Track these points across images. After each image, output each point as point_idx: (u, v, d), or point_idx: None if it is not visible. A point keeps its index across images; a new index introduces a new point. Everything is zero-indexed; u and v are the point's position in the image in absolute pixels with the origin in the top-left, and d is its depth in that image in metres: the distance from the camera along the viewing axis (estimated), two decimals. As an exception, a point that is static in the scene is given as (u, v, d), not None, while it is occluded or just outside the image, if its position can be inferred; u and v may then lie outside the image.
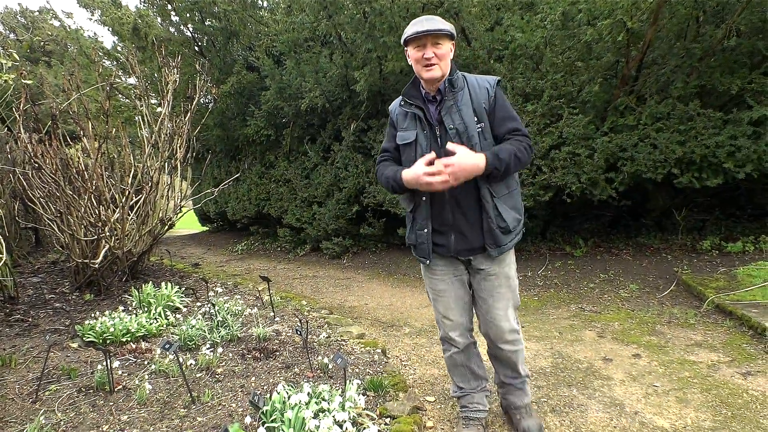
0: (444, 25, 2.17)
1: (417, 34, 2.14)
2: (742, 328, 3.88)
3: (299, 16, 7.81)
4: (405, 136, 2.34)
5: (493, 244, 2.23)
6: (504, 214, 2.23)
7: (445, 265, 2.41)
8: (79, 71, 9.17)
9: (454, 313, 2.44)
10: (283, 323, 4.20)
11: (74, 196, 4.96)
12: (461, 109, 2.21)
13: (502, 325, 2.35)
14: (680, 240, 6.41)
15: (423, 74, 2.21)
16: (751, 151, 5.06)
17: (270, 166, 10.26)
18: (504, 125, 2.23)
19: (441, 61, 2.17)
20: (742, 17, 4.97)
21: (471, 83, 2.27)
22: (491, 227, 2.21)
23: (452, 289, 2.42)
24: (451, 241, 2.30)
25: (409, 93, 2.33)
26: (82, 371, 3.16)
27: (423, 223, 2.33)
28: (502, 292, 2.35)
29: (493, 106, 2.24)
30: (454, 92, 2.24)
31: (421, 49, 2.18)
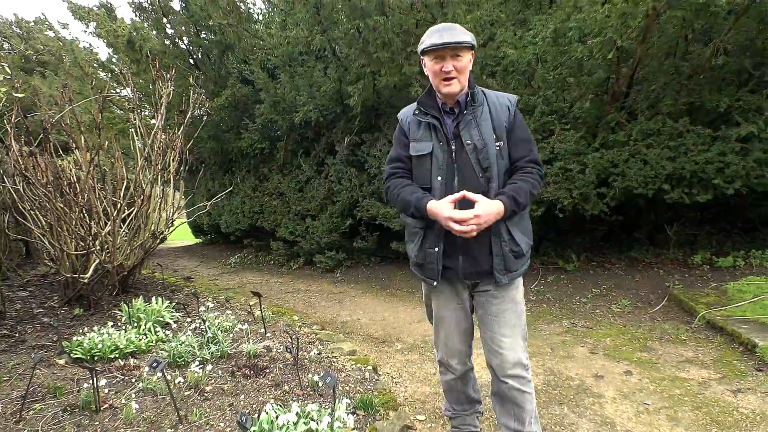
0: (465, 36, 2.04)
1: (435, 47, 2.02)
2: (732, 344, 3.89)
3: (294, 31, 7.86)
4: (419, 147, 2.20)
5: (503, 270, 2.13)
6: (517, 238, 2.14)
7: (451, 293, 2.31)
8: (73, 83, 9.18)
9: (454, 341, 2.36)
10: (275, 339, 4.17)
11: (65, 209, 4.93)
12: (480, 125, 2.11)
13: (506, 354, 2.17)
14: (672, 254, 6.44)
15: (441, 89, 2.10)
16: (740, 168, 5.11)
17: (264, 179, 10.26)
18: (521, 148, 2.15)
19: (460, 75, 2.06)
20: (729, 36, 5.04)
21: (491, 99, 2.18)
22: (503, 251, 2.12)
23: (455, 318, 2.33)
24: (459, 264, 2.18)
25: (425, 102, 2.22)
26: (69, 389, 3.12)
27: (435, 241, 2.19)
28: (507, 317, 2.20)
29: (512, 126, 2.15)
30: (474, 106, 2.13)
31: (439, 62, 2.06)
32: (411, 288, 6.83)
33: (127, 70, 8.17)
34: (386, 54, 6.16)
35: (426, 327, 5.01)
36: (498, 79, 6.20)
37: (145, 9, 9.48)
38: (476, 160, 2.08)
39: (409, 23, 6.11)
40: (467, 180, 2.10)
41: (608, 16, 4.97)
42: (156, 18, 9.51)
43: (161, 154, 5.86)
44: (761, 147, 5.09)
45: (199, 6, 9.28)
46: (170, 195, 6.42)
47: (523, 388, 2.18)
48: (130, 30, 9.55)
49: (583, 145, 5.73)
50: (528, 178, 2.10)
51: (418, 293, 6.54)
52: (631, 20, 4.94)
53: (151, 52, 9.06)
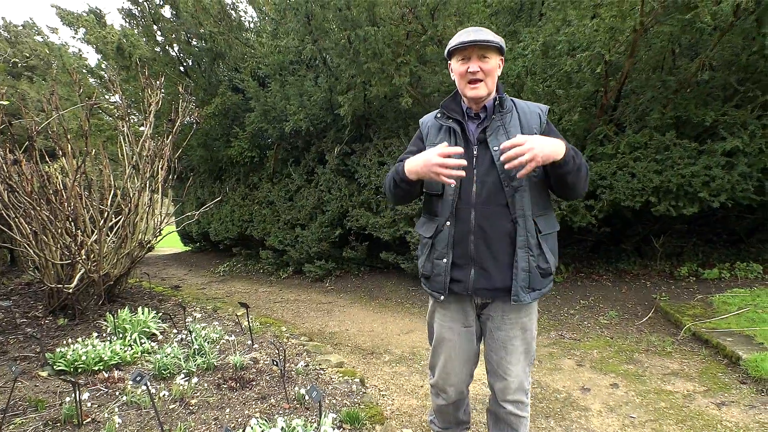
0: (493, 37, 1.94)
1: (462, 44, 1.93)
2: (717, 357, 3.92)
3: (285, 40, 7.87)
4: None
5: (527, 288, 1.95)
6: (547, 254, 1.98)
7: (457, 311, 2.14)
8: (61, 89, 9.12)
9: (454, 366, 2.18)
10: (262, 350, 4.14)
11: (50, 217, 4.88)
12: (509, 131, 1.96)
13: (510, 381, 2.09)
14: (659, 266, 6.49)
15: (467, 92, 1.99)
16: (725, 181, 5.17)
17: (253, 187, 10.23)
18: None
19: (487, 77, 1.95)
20: (715, 52, 5.12)
21: (520, 107, 2.06)
22: (530, 266, 1.95)
23: (458, 342, 2.16)
24: (470, 278, 1.99)
25: (449, 106, 2.10)
26: (51, 402, 3.08)
27: (443, 252, 2.03)
28: (516, 345, 2.08)
29: (546, 133, 1.98)
30: (502, 113, 2.01)
31: (465, 62, 1.96)
32: (400, 298, 6.82)
33: (116, 77, 8.14)
34: (377, 65, 6.18)
35: (414, 338, 5.00)
36: (487, 90, 6.23)
37: (134, 16, 9.44)
38: (503, 168, 1.90)
39: (400, 34, 6.14)
40: (488, 188, 1.95)
41: (596, 31, 5.04)
42: (146, 25, 9.48)
43: (150, 162, 5.83)
44: (746, 161, 5.17)
45: (190, 14, 9.27)
46: (158, 203, 6.38)
47: (521, 413, 2.14)
48: (119, 36, 9.51)
49: (571, 157, 5.76)
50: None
51: (407, 303, 6.54)
52: (619, 35, 5.00)
53: (141, 59, 9.02)
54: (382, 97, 6.84)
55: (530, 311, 2.09)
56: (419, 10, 6.09)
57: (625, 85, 5.81)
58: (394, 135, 7.32)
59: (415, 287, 7.15)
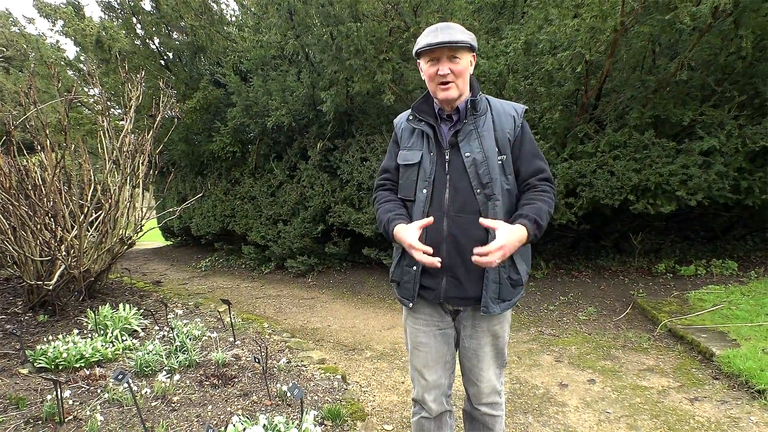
0: (463, 35, 1.84)
1: (430, 46, 1.83)
2: (692, 353, 4.02)
3: (267, 35, 7.83)
4: (407, 156, 2.02)
5: (497, 299, 1.91)
6: (518, 265, 1.93)
7: (430, 315, 2.06)
8: (39, 82, 8.95)
9: (432, 372, 2.07)
10: (244, 347, 4.15)
11: (29, 212, 4.81)
12: (482, 136, 1.90)
13: (482, 387, 2.07)
14: (637, 263, 6.61)
15: (438, 94, 1.91)
16: (702, 180, 5.28)
17: (235, 182, 10.17)
18: (531, 164, 1.94)
19: (458, 78, 1.86)
20: (694, 53, 5.21)
21: (495, 108, 1.97)
22: (501, 277, 1.90)
23: (434, 344, 2.06)
24: (441, 286, 1.94)
25: (420, 108, 2.02)
26: (32, 400, 3.06)
27: (413, 260, 1.91)
28: (486, 351, 2.04)
29: (519, 139, 1.93)
30: (475, 116, 1.93)
31: (434, 64, 1.87)
32: (382, 294, 6.86)
33: (95, 70, 8.01)
34: (359, 61, 6.18)
35: (395, 334, 5.04)
36: (470, 88, 6.27)
37: (114, 8, 9.30)
38: (475, 174, 1.87)
39: (382, 31, 6.15)
40: (461, 195, 1.89)
41: (578, 30, 5.10)
42: (125, 17, 9.34)
43: (130, 157, 5.77)
44: (722, 160, 5.28)
45: (171, 6, 9.16)
46: (139, 199, 6.32)
47: (495, 413, 2.13)
48: (98, 29, 9.37)
49: (552, 155, 5.84)
50: (545, 197, 1.90)
51: (389, 299, 6.57)
52: (599, 34, 5.07)
53: (121, 52, 8.90)
54: (364, 93, 6.85)
55: (502, 319, 2.04)
56: (402, 6, 6.10)
57: (606, 84, 5.89)
58: (377, 131, 7.34)
59: (398, 283, 7.18)
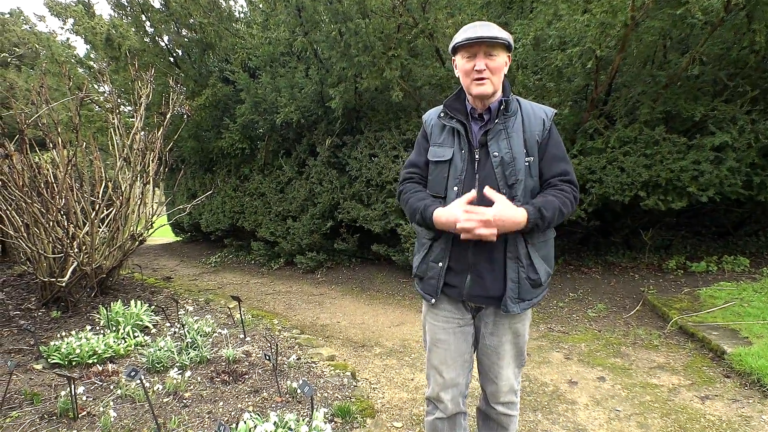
0: (501, 33, 1.86)
1: (469, 41, 1.84)
2: (703, 351, 3.99)
3: (275, 32, 7.83)
4: (439, 152, 2.02)
5: (518, 298, 1.92)
6: (537, 265, 1.92)
7: (451, 312, 2.07)
8: (50, 79, 9.02)
9: (449, 370, 2.07)
10: (254, 344, 4.18)
11: (42, 210, 4.87)
12: (511, 137, 1.91)
13: (500, 385, 2.08)
14: (647, 259, 6.58)
15: (472, 89, 1.90)
16: (714, 176, 5.23)
17: (244, 179, 10.21)
18: (555, 166, 1.94)
19: (493, 75, 1.87)
20: (706, 47, 5.15)
21: (525, 109, 1.99)
22: (520, 277, 1.91)
23: (454, 342, 2.07)
24: (465, 284, 1.96)
25: (452, 105, 2.02)
26: (46, 396, 3.11)
27: (440, 255, 1.99)
28: (507, 349, 2.05)
29: (546, 141, 1.94)
30: (506, 116, 1.94)
31: (471, 59, 1.88)
32: (391, 290, 6.87)
33: (106, 68, 8.07)
34: (368, 58, 6.18)
35: (405, 331, 5.05)
36: (479, 84, 6.25)
37: (123, 6, 9.34)
38: (502, 174, 1.88)
39: (390, 27, 6.14)
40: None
41: (587, 26, 5.05)
42: (135, 15, 9.38)
43: (141, 155, 5.82)
44: (734, 156, 5.23)
45: (179, 4, 9.19)
46: (149, 196, 6.37)
47: (511, 412, 2.14)
48: (108, 27, 9.42)
49: (561, 151, 5.80)
50: (560, 195, 1.89)
51: (398, 296, 6.58)
52: (609, 29, 5.02)
53: (131, 50, 8.94)
54: (373, 89, 6.84)
55: (523, 317, 2.05)
56: (410, 2, 6.08)
57: (616, 80, 5.85)
58: (385, 128, 7.33)
59: (406, 279, 7.20)
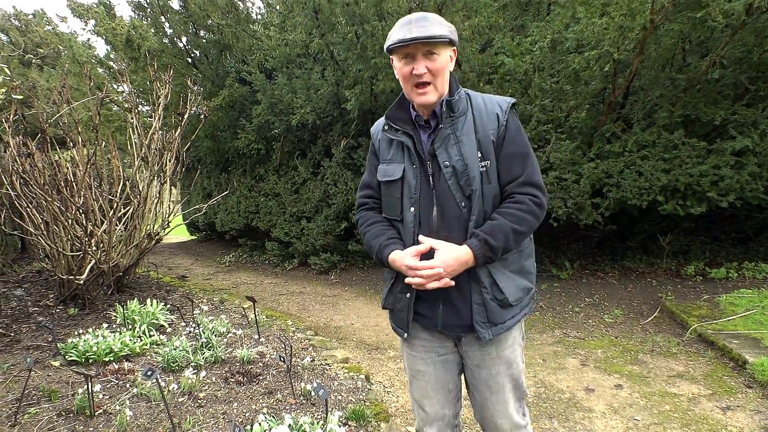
0: (441, 28, 1.59)
1: (403, 43, 1.58)
2: (723, 359, 3.92)
3: (292, 34, 7.87)
4: (389, 170, 1.78)
5: (485, 322, 1.68)
6: (502, 283, 1.69)
7: (429, 340, 1.85)
8: (71, 79, 9.15)
9: (432, 402, 1.87)
10: (268, 344, 4.19)
11: (61, 208, 4.93)
12: (461, 141, 1.67)
13: (499, 423, 1.82)
14: (665, 264, 6.48)
15: (414, 98, 1.68)
16: (734, 181, 5.15)
17: (260, 179, 10.28)
18: (512, 168, 1.68)
19: (436, 78, 1.63)
20: (726, 50, 5.07)
21: (476, 105, 1.72)
22: (484, 299, 1.68)
23: (433, 372, 1.85)
24: (438, 313, 1.74)
25: (395, 115, 1.78)
26: (63, 392, 3.14)
27: (406, 286, 1.72)
28: (500, 382, 1.78)
29: (502, 138, 1.68)
30: (453, 117, 1.68)
31: (409, 62, 1.62)
32: (405, 292, 6.85)
33: (125, 67, 8.16)
34: (384, 60, 6.18)
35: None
36: (495, 86, 6.23)
37: (144, 7, 9.47)
38: (457, 185, 1.66)
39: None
40: (447, 211, 1.69)
41: (606, 29, 5.01)
42: (155, 16, 9.50)
43: (158, 154, 5.87)
44: (756, 161, 5.14)
45: (198, 5, 9.28)
46: (166, 195, 6.43)
47: None
48: (128, 28, 9.54)
49: (578, 155, 5.76)
50: (514, 211, 1.65)
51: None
52: (628, 32, 4.97)
53: (150, 50, 9.04)
54: (388, 91, 6.84)
55: (512, 342, 1.80)
56: (426, 4, 6.07)
57: (634, 83, 5.78)
58: (401, 129, 7.32)
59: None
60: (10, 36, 17.77)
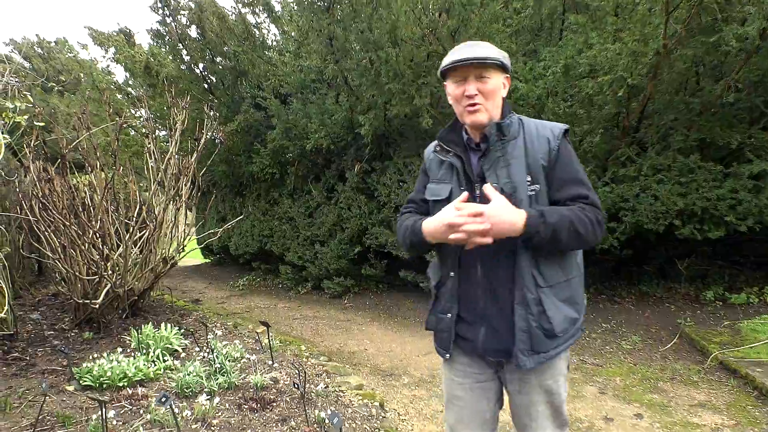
0: (492, 51, 1.65)
1: (454, 63, 1.64)
2: (746, 388, 3.83)
3: (307, 60, 8.00)
4: (436, 190, 1.81)
5: (528, 350, 1.64)
6: (550, 311, 1.64)
7: (468, 365, 1.83)
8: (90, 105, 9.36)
9: (465, 430, 1.84)
10: (282, 370, 4.16)
11: (79, 231, 4.99)
12: (510, 164, 1.67)
13: None
14: (683, 289, 6.38)
15: (465, 118, 1.71)
16: (752, 205, 5.08)
17: (274, 203, 10.34)
18: (566, 190, 1.67)
19: (488, 101, 1.66)
20: (741, 74, 5.06)
21: (528, 130, 1.72)
22: (530, 326, 1.64)
23: (471, 400, 1.83)
24: (479, 337, 1.73)
25: (447, 137, 1.82)
26: (77, 418, 3.14)
27: (447, 306, 1.77)
28: (540, 410, 1.75)
29: (553, 164, 1.68)
30: (503, 141, 1.69)
31: (461, 84, 1.68)
32: (419, 318, 6.80)
33: (144, 94, 8.34)
34: (397, 85, 6.24)
35: (433, 360, 4.98)
36: (508, 110, 6.24)
37: (162, 35, 9.70)
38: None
39: (420, 55, 6.20)
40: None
41: (619, 54, 5.03)
42: (172, 44, 9.71)
43: (174, 179, 5.95)
44: (774, 184, 5.08)
45: (215, 33, 9.48)
46: (182, 219, 6.49)
47: None
48: (147, 56, 9.77)
49: (593, 179, 5.73)
50: (576, 210, 1.62)
51: (426, 323, 6.50)
52: (641, 57, 4.99)
53: (167, 77, 9.23)
54: (402, 116, 6.89)
55: (554, 371, 1.75)
56: (440, 31, 6.14)
57: (648, 107, 5.77)
58: (414, 154, 7.35)
59: (434, 306, 7.11)
60: (32, 63, 18.25)
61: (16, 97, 4.67)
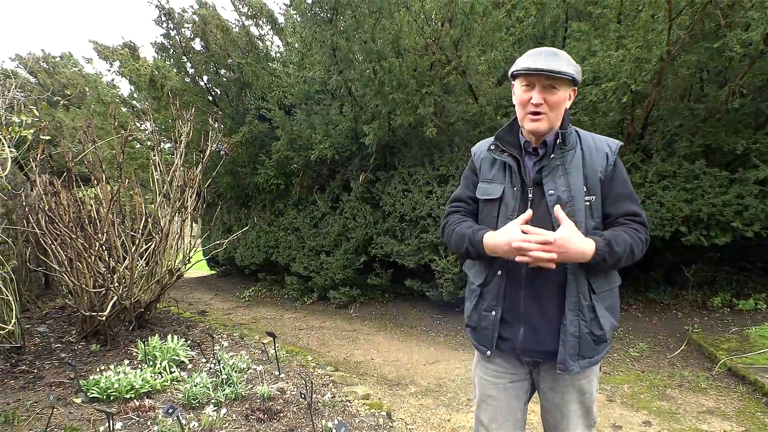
0: (567, 66, 1.67)
1: (527, 71, 1.67)
2: (755, 395, 3.80)
3: (311, 71, 8.05)
4: (488, 189, 1.85)
5: (576, 355, 1.69)
6: (602, 319, 1.71)
7: (503, 365, 1.88)
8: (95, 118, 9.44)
9: (500, 429, 1.88)
10: (288, 380, 4.16)
11: (85, 244, 5.02)
12: (569, 173, 1.72)
13: None
14: (690, 296, 6.34)
15: (525, 124, 1.74)
16: (759, 210, 5.07)
17: (279, 214, 10.36)
18: (621, 205, 1.74)
19: (551, 111, 1.69)
20: (745, 80, 5.06)
21: (585, 142, 1.79)
22: (581, 332, 1.69)
23: (505, 399, 1.88)
24: (518, 336, 1.76)
25: (504, 138, 1.84)
26: (85, 430, 3.14)
27: (492, 304, 1.80)
28: (571, 409, 1.82)
29: (610, 178, 1.74)
30: (564, 150, 1.74)
31: (528, 90, 1.70)
32: (425, 327, 6.78)
33: (148, 107, 8.40)
34: (401, 95, 6.27)
35: (440, 369, 4.96)
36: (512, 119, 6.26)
37: (167, 48, 9.78)
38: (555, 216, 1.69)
39: (424, 65, 6.24)
40: None
41: (622, 61, 5.04)
42: (177, 57, 9.80)
43: (180, 191, 5.98)
44: (780, 190, 5.07)
45: (219, 45, 9.57)
46: (187, 231, 6.51)
47: None
48: (152, 69, 9.85)
49: (598, 185, 5.72)
50: (632, 233, 1.68)
51: (432, 332, 6.49)
52: (645, 64, 5.00)
53: (172, 90, 9.31)
54: (406, 126, 6.92)
55: (590, 373, 1.82)
56: (443, 41, 6.18)
57: (652, 113, 5.78)
58: (419, 163, 7.38)
59: (441, 316, 7.10)
60: (38, 78, 18.42)
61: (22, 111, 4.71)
